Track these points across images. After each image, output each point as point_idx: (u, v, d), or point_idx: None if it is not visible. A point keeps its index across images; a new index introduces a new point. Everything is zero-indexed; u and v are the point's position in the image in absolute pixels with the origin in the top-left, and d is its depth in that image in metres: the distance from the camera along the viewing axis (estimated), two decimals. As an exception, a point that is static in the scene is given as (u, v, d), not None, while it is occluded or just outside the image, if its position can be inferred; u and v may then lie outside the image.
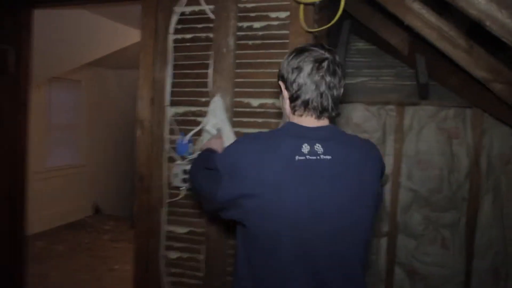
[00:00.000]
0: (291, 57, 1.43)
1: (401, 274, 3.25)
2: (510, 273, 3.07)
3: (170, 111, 2.56)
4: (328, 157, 1.33)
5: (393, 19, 3.34)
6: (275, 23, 2.39)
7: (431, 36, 2.37)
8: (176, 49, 2.56)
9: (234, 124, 2.44)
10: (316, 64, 1.37)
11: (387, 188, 3.31)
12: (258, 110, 2.44)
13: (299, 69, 1.38)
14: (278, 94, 2.43)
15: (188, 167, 2.44)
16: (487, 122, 3.11)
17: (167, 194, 2.56)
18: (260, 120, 2.43)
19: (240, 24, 2.44)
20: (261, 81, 2.42)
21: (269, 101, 2.42)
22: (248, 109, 2.45)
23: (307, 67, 1.37)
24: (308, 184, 1.31)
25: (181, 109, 2.55)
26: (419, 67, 2.99)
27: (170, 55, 2.54)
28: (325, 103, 1.40)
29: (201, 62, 2.51)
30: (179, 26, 2.56)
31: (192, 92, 2.53)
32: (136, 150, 2.61)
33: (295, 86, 1.39)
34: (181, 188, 2.50)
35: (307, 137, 1.37)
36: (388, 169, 3.33)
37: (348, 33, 3.62)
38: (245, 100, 2.45)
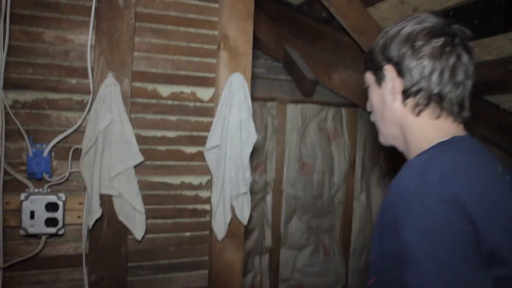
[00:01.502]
0: (402, 26, 0.91)
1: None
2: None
3: (6, 99, 1.42)
4: None
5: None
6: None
7: None
8: (15, -11, 1.43)
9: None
10: (449, 39, 0.88)
11: (269, 198, 2.90)
12: (170, 102, 1.61)
13: (424, 44, 0.88)
14: (208, 81, 1.66)
15: (54, 197, 1.40)
16: (361, 121, 3.10)
17: (10, 248, 1.41)
18: (173, 118, 1.62)
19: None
20: (175, 59, 1.60)
21: (186, 89, 1.63)
22: (153, 100, 1.59)
23: (436, 43, 0.87)
24: None
25: (28, 96, 1.45)
26: (298, 62, 2.70)
27: (3, -3, 1.40)
28: (463, 100, 0.91)
29: (68, 16, 1.47)
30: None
31: (50, 66, 1.47)
32: None
33: (416, 73, 0.88)
34: (41, 236, 1.41)
35: (494, 158, 0.87)
36: (270, 175, 2.91)
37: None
38: (150, 86, 1.58)
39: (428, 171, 0.75)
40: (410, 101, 0.90)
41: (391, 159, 3.12)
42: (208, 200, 1.69)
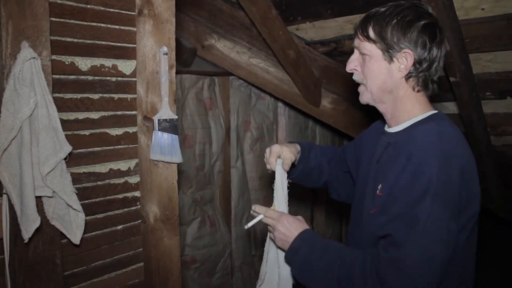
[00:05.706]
0: (416, 13, 1.03)
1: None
2: (256, 232, 3.32)
3: None
4: None
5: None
6: None
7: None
8: None
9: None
10: (442, 31, 1.09)
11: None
12: (90, 78, 1.36)
13: (437, 36, 1.05)
14: (129, 52, 1.39)
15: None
16: (233, 89, 3.11)
17: None
18: (95, 96, 1.37)
19: None
20: (94, 26, 1.34)
21: (106, 62, 1.40)
22: (71, 76, 1.31)
23: (440, 35, 1.06)
24: None
25: None
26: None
27: None
28: None
29: None
30: None
31: None
32: None
33: (427, 60, 1.04)
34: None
35: None
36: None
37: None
38: (67, 59, 1.29)
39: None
40: (412, 80, 1.04)
41: (260, 126, 3.30)
42: (137, 186, 1.52)
